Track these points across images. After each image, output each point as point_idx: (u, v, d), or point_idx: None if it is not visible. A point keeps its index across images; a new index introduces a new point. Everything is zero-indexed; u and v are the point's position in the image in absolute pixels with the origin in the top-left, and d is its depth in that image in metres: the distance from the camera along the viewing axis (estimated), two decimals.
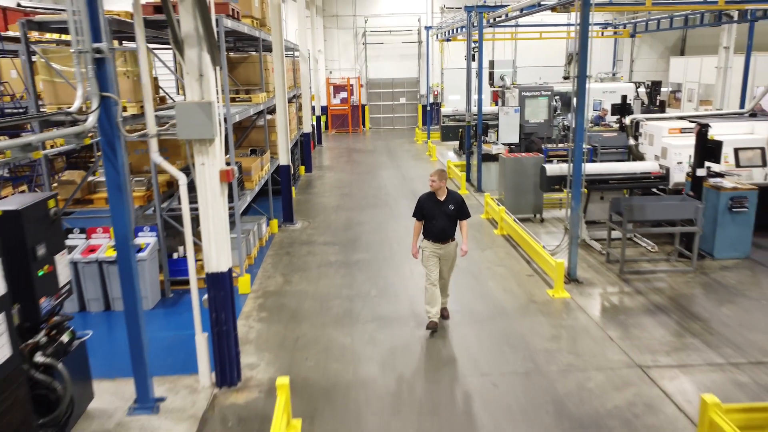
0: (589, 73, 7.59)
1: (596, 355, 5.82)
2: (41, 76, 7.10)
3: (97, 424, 4.83)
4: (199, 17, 4.49)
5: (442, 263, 6.44)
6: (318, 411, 5.02)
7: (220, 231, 5.05)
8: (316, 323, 6.72)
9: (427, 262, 6.38)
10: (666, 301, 7.08)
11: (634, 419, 4.78)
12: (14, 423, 3.41)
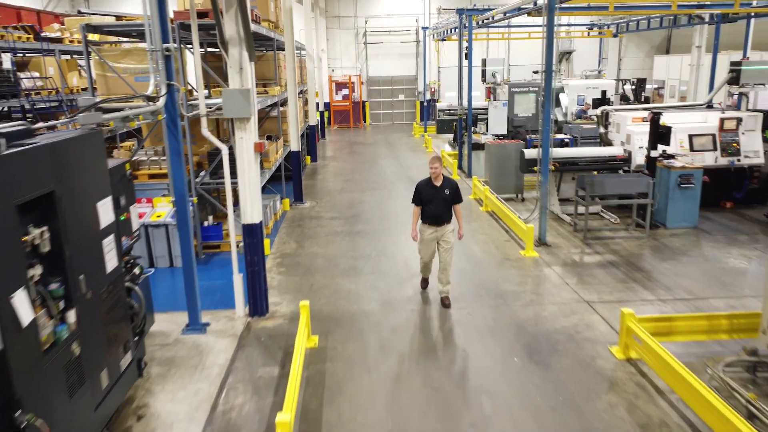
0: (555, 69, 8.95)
1: (553, 295, 7.23)
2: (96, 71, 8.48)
3: (160, 339, 6.23)
4: (241, 23, 5.88)
5: (440, 248, 6.95)
6: (330, 331, 6.42)
7: (254, 191, 6.44)
8: (326, 275, 8.13)
9: (423, 246, 6.95)
10: (618, 258, 8.48)
11: (575, 334, 6.18)
12: (118, 316, 4.78)
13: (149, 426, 4.77)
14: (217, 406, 5.06)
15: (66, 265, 3.95)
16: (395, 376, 5.46)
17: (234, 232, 6.83)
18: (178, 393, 5.24)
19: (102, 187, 4.57)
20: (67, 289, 3.97)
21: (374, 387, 5.31)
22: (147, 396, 5.20)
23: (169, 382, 5.43)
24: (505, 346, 6.00)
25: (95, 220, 4.42)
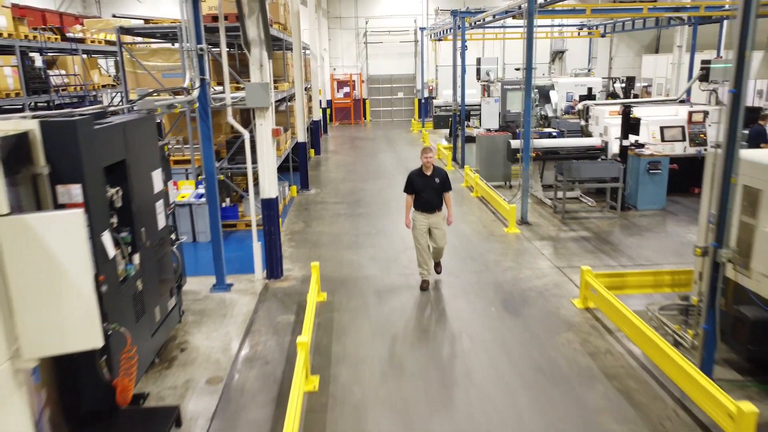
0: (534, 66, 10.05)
1: (529, 262, 8.32)
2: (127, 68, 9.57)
3: (192, 296, 7.32)
4: (261, 27, 6.96)
5: (434, 235, 7.35)
6: (336, 290, 7.51)
7: (271, 170, 7.53)
8: (331, 248, 9.22)
9: (417, 233, 7.31)
10: (590, 234, 9.57)
11: (545, 291, 7.28)
12: (165, 266, 5.85)
13: (191, 356, 5.86)
14: (245, 342, 6.15)
15: (132, 219, 5.04)
16: (390, 323, 6.55)
17: (254, 207, 7.92)
18: (211, 333, 6.34)
19: (155, 160, 5.67)
20: (133, 238, 5.06)
21: (373, 329, 6.40)
22: (186, 335, 6.29)
23: (203, 326, 6.53)
24: (485, 301, 7.09)
25: (151, 186, 5.52)
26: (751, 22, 4.38)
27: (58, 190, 4.14)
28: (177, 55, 9.81)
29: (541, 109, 18.65)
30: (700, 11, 12.42)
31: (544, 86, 19.35)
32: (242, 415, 4.88)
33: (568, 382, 5.25)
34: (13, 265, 3.39)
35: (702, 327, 4.97)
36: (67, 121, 4.10)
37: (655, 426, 4.58)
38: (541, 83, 19.72)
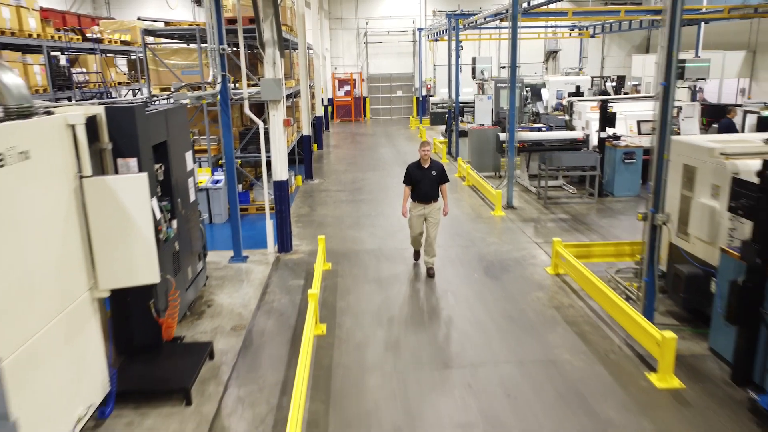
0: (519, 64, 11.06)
1: (511, 239, 9.35)
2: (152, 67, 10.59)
3: (213, 266, 8.34)
4: (275, 30, 7.99)
5: (428, 223, 7.73)
6: (340, 261, 8.54)
7: (282, 156, 8.55)
8: (335, 228, 10.25)
9: (412, 223, 7.79)
10: (569, 217, 10.60)
11: (522, 261, 8.31)
12: (195, 233, 6.87)
13: (217, 310, 6.89)
14: (262, 299, 7.19)
15: (171, 191, 6.06)
16: (387, 286, 7.58)
17: (266, 188, 8.95)
18: (233, 294, 7.37)
19: (187, 143, 6.70)
20: (172, 206, 6.08)
21: (371, 291, 7.43)
22: (211, 295, 7.32)
23: (225, 288, 7.56)
24: (469, 268, 8.12)
25: (185, 165, 6.55)
26: (676, 28, 5.40)
27: (119, 162, 5.16)
28: (194, 54, 10.83)
29: (533, 106, 19.63)
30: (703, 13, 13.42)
31: (536, 84, 20.35)
32: (263, 352, 5.91)
33: (534, 326, 6.28)
34: (94, 214, 4.43)
35: (644, 279, 6.00)
36: (127, 107, 5.13)
37: (602, 357, 5.61)
38: (533, 82, 20.71)
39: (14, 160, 3.58)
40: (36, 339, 3.73)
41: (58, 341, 4.02)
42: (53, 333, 3.95)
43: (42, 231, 3.89)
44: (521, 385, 5.19)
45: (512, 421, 4.67)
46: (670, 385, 5.07)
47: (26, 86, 4.10)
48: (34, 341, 3.71)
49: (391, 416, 4.77)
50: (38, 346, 3.76)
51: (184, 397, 4.96)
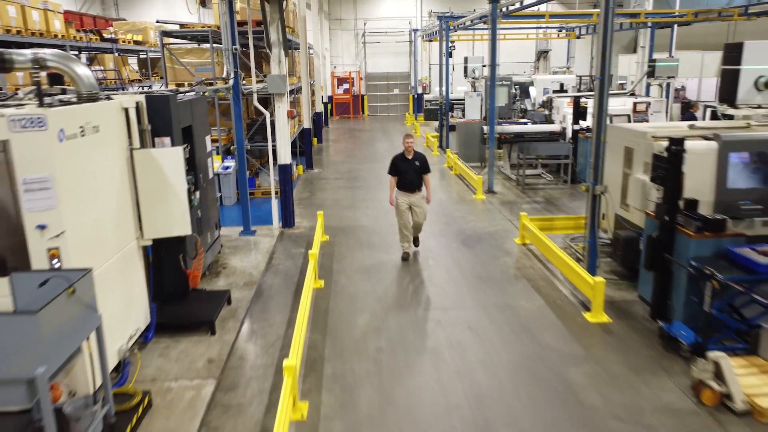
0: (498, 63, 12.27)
1: (488, 217, 10.57)
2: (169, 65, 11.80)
3: (225, 238, 9.54)
4: (280, 32, 9.19)
5: (414, 214, 8.31)
6: (337, 234, 9.75)
7: (286, 142, 9.75)
8: (333, 209, 11.46)
9: (399, 211, 8.27)
10: (542, 200, 11.82)
11: (495, 234, 9.52)
12: (212, 204, 8.07)
13: (231, 271, 8.10)
14: (269, 263, 8.40)
15: (195, 167, 7.27)
16: (377, 253, 8.79)
17: (273, 172, 10.16)
18: (244, 259, 8.58)
19: (206, 128, 7.91)
20: (195, 180, 7.28)
21: (363, 257, 8.64)
22: (225, 260, 8.53)
23: (237, 255, 8.77)
24: (449, 240, 9.34)
25: (205, 146, 7.76)
26: (609, 30, 6.60)
27: (156, 141, 6.37)
28: (207, 53, 12.04)
29: (521, 103, 20.81)
30: (640, 18, 14.66)
31: (525, 83, 21.54)
32: (271, 300, 7.13)
33: (499, 283, 7.50)
34: (141, 178, 5.64)
35: (587, 241, 7.21)
36: (163, 96, 6.34)
37: (550, 303, 6.83)
38: (521, 80, 21.87)
39: (89, 132, 4.79)
40: (106, 266, 4.94)
41: (117, 273, 5.23)
42: (114, 266, 5.16)
43: (106, 187, 5.10)
44: (482, 321, 6.40)
45: (471, 345, 5.89)
46: (600, 320, 6.29)
47: (93, 77, 5.30)
48: (105, 268, 4.92)
49: (375, 343, 5.98)
50: (107, 272, 4.97)
51: (209, 328, 6.18)
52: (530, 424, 4.58)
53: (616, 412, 4.70)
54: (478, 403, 4.88)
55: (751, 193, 6.86)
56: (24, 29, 12.40)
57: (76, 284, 3.85)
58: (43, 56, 4.95)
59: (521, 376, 5.29)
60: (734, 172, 6.87)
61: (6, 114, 4.12)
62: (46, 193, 4.28)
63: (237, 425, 4.65)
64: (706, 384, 4.76)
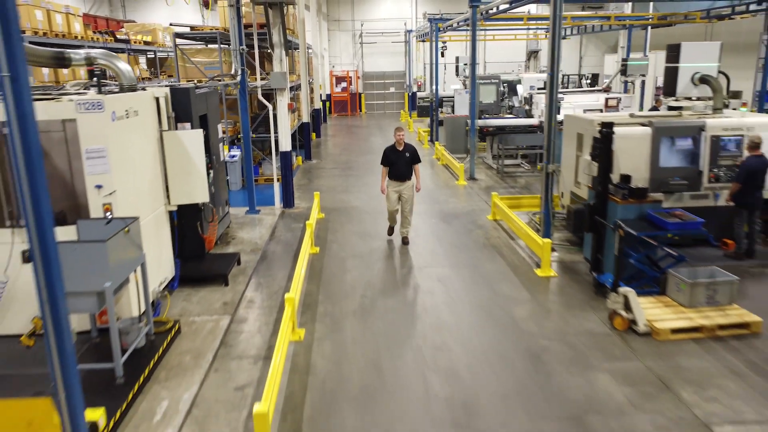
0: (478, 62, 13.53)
1: (467, 200, 11.84)
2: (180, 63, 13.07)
3: (233, 216, 10.81)
4: (281, 34, 10.47)
5: (403, 201, 8.88)
6: (331, 213, 11.03)
7: (287, 132, 11.02)
8: (329, 193, 12.74)
9: (389, 200, 8.93)
10: (518, 185, 13.09)
11: (471, 213, 10.80)
12: (223, 184, 9.33)
13: (239, 241, 9.37)
14: (272, 235, 9.67)
15: (209, 150, 8.54)
16: (366, 228, 10.06)
17: (275, 159, 11.43)
18: (250, 232, 9.86)
19: (218, 117, 9.18)
20: (210, 161, 8.55)
21: (354, 230, 9.91)
22: (234, 233, 9.80)
23: (244, 229, 10.04)
24: (431, 217, 10.62)
25: (217, 133, 9.03)
26: (557, 36, 7.86)
27: (179, 126, 7.64)
28: (215, 53, 13.31)
29: (509, 100, 22.07)
30: (610, 20, 15.93)
31: (512, 81, 22.80)
32: (274, 262, 8.40)
33: (470, 249, 8.77)
34: (169, 155, 6.92)
35: (542, 212, 8.48)
36: (184, 89, 7.61)
37: (509, 263, 8.10)
38: (509, 79, 23.13)
39: (132, 115, 6.07)
40: (144, 223, 6.22)
41: (152, 230, 6.51)
42: (150, 224, 6.43)
43: (143, 160, 6.37)
44: (450, 276, 7.68)
45: (440, 292, 7.16)
46: (547, 274, 7.57)
47: (132, 71, 6.57)
48: (143, 224, 6.20)
49: (360, 292, 7.25)
50: (145, 228, 6.24)
51: (223, 280, 7.47)
52: (478, 343, 5.85)
53: (546, 335, 5.97)
54: (440, 331, 6.15)
55: (679, 170, 8.18)
56: (49, 31, 13.67)
57: (129, 226, 5.14)
58: (93, 55, 6.23)
59: (476, 313, 6.57)
60: (665, 153, 8.17)
61: (74, 99, 5.41)
62: (102, 160, 5.56)
63: (249, 344, 5.92)
64: (618, 313, 6.04)
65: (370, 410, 4.75)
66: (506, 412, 4.68)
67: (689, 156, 8.20)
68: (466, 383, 5.11)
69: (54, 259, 3.49)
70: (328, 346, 5.87)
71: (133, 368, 5.17)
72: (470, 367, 5.39)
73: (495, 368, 5.36)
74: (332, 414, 4.72)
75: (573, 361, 5.44)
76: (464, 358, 5.55)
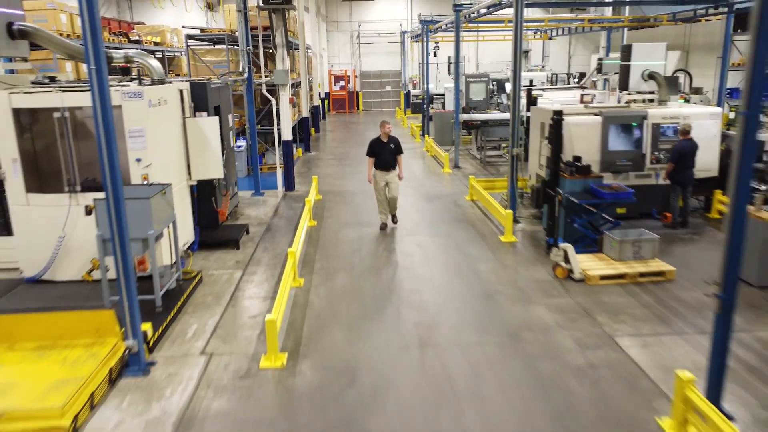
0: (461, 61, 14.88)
1: (450, 184, 13.21)
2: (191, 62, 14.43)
3: (241, 198, 12.17)
4: (284, 35, 11.82)
5: (389, 189, 9.63)
6: (328, 195, 12.39)
7: (288, 123, 12.38)
8: (326, 179, 14.10)
9: (377, 186, 9.57)
10: (498, 173, 14.45)
11: (452, 195, 12.17)
12: (232, 168, 10.67)
13: (246, 216, 10.72)
14: (276, 212, 11.03)
15: (222, 137, 9.87)
16: (358, 206, 11.42)
17: (278, 148, 12.80)
18: (256, 210, 11.22)
19: (229, 109, 10.55)
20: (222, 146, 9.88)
21: (348, 209, 11.28)
22: (242, 210, 11.16)
23: (251, 208, 11.40)
24: (416, 198, 11.98)
25: (228, 121, 10.38)
26: (519, 38, 9.21)
27: (197, 114, 8.99)
28: (222, 53, 14.66)
29: (498, 97, 23.37)
30: (584, 23, 17.29)
31: (501, 79, 24.12)
32: (277, 233, 9.76)
33: (447, 223, 10.13)
34: (190, 137, 8.28)
35: (509, 190, 9.84)
36: (202, 83, 8.97)
37: (479, 232, 9.46)
38: (498, 77, 24.42)
39: (162, 104, 7.42)
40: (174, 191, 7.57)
41: (177, 199, 7.85)
42: (177, 194, 7.78)
43: (170, 141, 7.73)
44: (428, 242, 9.04)
45: (417, 254, 8.52)
46: (510, 240, 8.93)
47: (162, 67, 7.92)
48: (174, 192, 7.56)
49: (350, 254, 8.60)
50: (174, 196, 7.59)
51: (235, 245, 8.83)
52: (445, 289, 7.21)
53: (500, 282, 7.33)
54: (415, 281, 7.51)
55: (625, 153, 9.56)
56: (72, 33, 15.03)
57: (165, 189, 6.49)
58: (130, 54, 7.60)
59: (447, 268, 7.93)
60: (613, 138, 9.55)
61: (119, 89, 6.76)
62: (141, 139, 6.91)
63: (258, 289, 7.29)
64: (559, 264, 7.40)
65: (354, 330, 6.11)
66: (459, 332, 6.04)
67: (634, 141, 9.58)
68: (431, 314, 6.47)
69: (122, 208, 4.89)
70: (322, 290, 7.23)
71: (168, 302, 6.53)
72: (436, 304, 6.75)
73: (456, 305, 6.72)
74: (325, 333, 6.08)
75: (518, 298, 6.80)
76: (432, 299, 6.91)
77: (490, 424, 4.51)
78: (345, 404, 4.79)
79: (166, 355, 5.64)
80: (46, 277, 7.11)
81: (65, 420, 4.37)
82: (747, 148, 3.95)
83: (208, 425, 4.56)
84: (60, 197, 6.98)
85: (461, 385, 5.01)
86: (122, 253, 5.05)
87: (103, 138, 4.77)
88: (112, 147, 4.83)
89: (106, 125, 4.76)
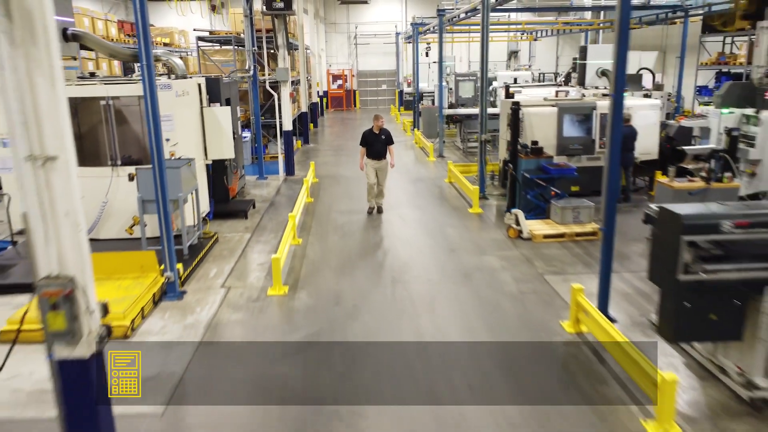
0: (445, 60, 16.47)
1: (434, 170, 14.82)
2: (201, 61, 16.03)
3: (247, 181, 13.77)
4: (284, 37, 13.42)
5: (379, 175, 10.61)
6: (324, 179, 14.00)
7: (288, 116, 13.97)
8: (323, 166, 15.71)
9: (368, 172, 10.50)
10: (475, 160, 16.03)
11: (434, 178, 13.78)
12: (240, 154, 12.24)
13: (253, 194, 12.31)
14: (278, 192, 12.64)
15: (232, 124, 11.47)
16: (351, 187, 13.02)
17: (279, 139, 14.41)
18: (260, 190, 12.83)
19: (237, 101, 12.15)
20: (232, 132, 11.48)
21: (341, 189, 12.89)
22: (249, 190, 12.76)
23: (256, 189, 13.01)
24: (402, 181, 13.59)
25: (236, 112, 11.97)
26: (485, 40, 10.81)
27: (211, 105, 10.57)
28: (229, 53, 16.26)
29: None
30: (558, 25, 18.91)
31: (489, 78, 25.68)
32: (280, 207, 11.36)
33: (426, 199, 11.76)
34: (207, 123, 9.90)
35: (478, 170, 11.44)
36: (215, 78, 10.57)
37: (452, 206, 11.07)
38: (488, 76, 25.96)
39: (185, 95, 9.02)
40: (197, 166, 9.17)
41: (200, 174, 9.45)
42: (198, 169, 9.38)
43: (192, 126, 9.32)
44: (408, 213, 10.65)
45: (398, 221, 10.12)
46: (477, 211, 10.55)
47: (184, 64, 9.50)
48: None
49: (342, 223, 10.20)
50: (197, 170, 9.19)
51: (244, 215, 10.44)
52: (417, 245, 8.81)
53: (463, 241, 8.94)
54: (394, 241, 9.11)
55: (577, 139, 11.15)
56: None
57: (191, 162, 8.10)
58: (158, 53, 9.20)
59: (422, 230, 9.54)
60: (567, 126, 11.15)
61: None
62: (170, 122, 8.51)
63: (265, 246, 8.89)
64: (511, 226, 9.01)
65: (341, 272, 7.72)
66: (424, 273, 7.64)
67: (585, 128, 11.18)
68: (403, 261, 8.08)
69: (164, 175, 6.49)
70: (317, 247, 8.85)
71: (192, 253, 8.14)
72: (409, 255, 8.36)
73: (425, 256, 8.33)
74: (318, 274, 7.68)
75: (475, 251, 8.42)
76: (406, 252, 8.52)
77: (439, 326, 6.11)
78: (332, 315, 6.40)
79: (194, 288, 7.25)
80: (91, 236, 8.71)
81: (126, 321, 5.97)
82: (616, 119, 5.58)
83: (230, 328, 6.17)
84: (104, 170, 8.59)
85: (420, 305, 6.62)
86: (164, 207, 6.65)
87: (151, 118, 6.36)
88: (157, 126, 6.43)
89: (153, 109, 6.36)
